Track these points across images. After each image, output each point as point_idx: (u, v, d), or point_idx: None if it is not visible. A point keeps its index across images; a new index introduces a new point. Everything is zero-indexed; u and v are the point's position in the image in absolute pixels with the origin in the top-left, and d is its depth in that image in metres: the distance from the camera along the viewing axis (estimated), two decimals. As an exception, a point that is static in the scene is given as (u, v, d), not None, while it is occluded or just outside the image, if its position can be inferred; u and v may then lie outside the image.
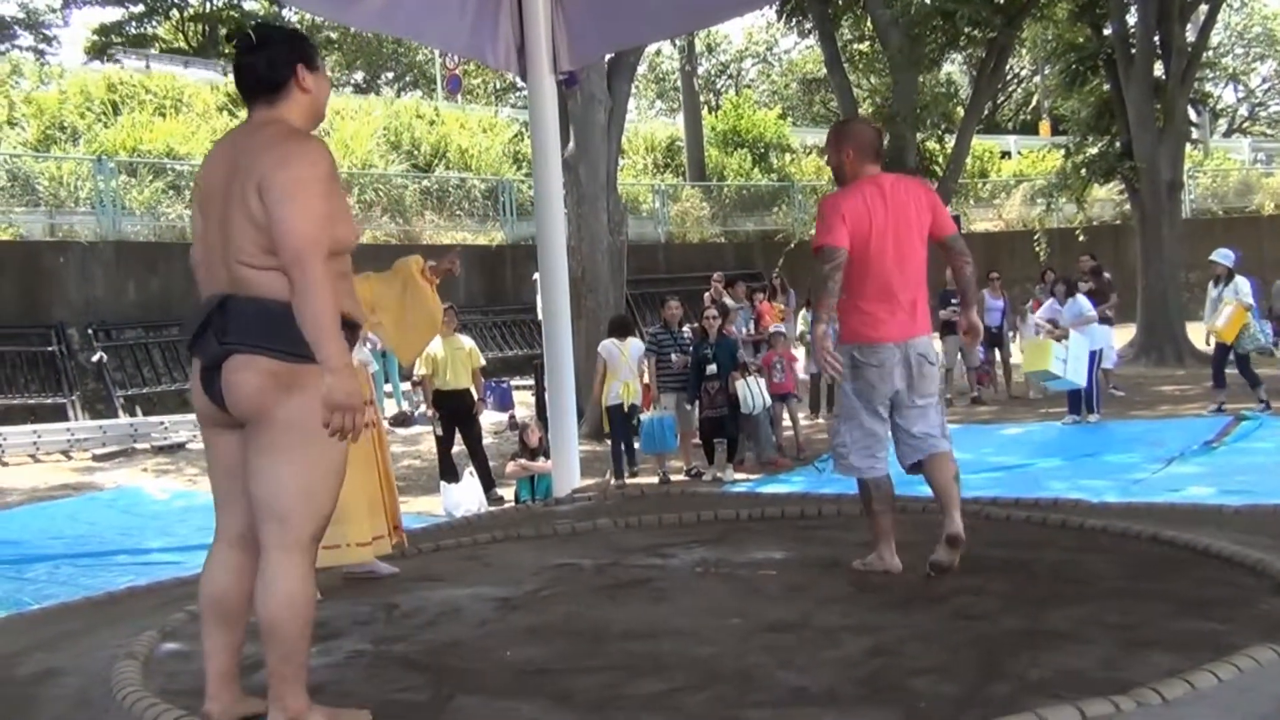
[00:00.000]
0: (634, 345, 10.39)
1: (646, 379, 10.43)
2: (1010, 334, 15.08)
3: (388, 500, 5.00)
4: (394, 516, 5.05)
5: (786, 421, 11.23)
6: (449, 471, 9.92)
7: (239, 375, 2.90)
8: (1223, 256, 11.60)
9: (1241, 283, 11.30)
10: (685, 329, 10.51)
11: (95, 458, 13.13)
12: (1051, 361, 10.88)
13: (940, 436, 4.66)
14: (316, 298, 2.82)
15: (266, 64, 3.05)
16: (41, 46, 34.48)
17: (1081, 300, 11.75)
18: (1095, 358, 11.49)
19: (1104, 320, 13.08)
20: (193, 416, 14.84)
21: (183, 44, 37.21)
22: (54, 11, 36.21)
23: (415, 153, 22.84)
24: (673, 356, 10.03)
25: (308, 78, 3.09)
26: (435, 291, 5.18)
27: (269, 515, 2.92)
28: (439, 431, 10.14)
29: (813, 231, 5.11)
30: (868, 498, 4.62)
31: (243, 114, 3.12)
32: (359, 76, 40.75)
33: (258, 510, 2.94)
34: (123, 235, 17.49)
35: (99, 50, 33.30)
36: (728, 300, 12.31)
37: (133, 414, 15.21)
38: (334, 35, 37.35)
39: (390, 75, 40.96)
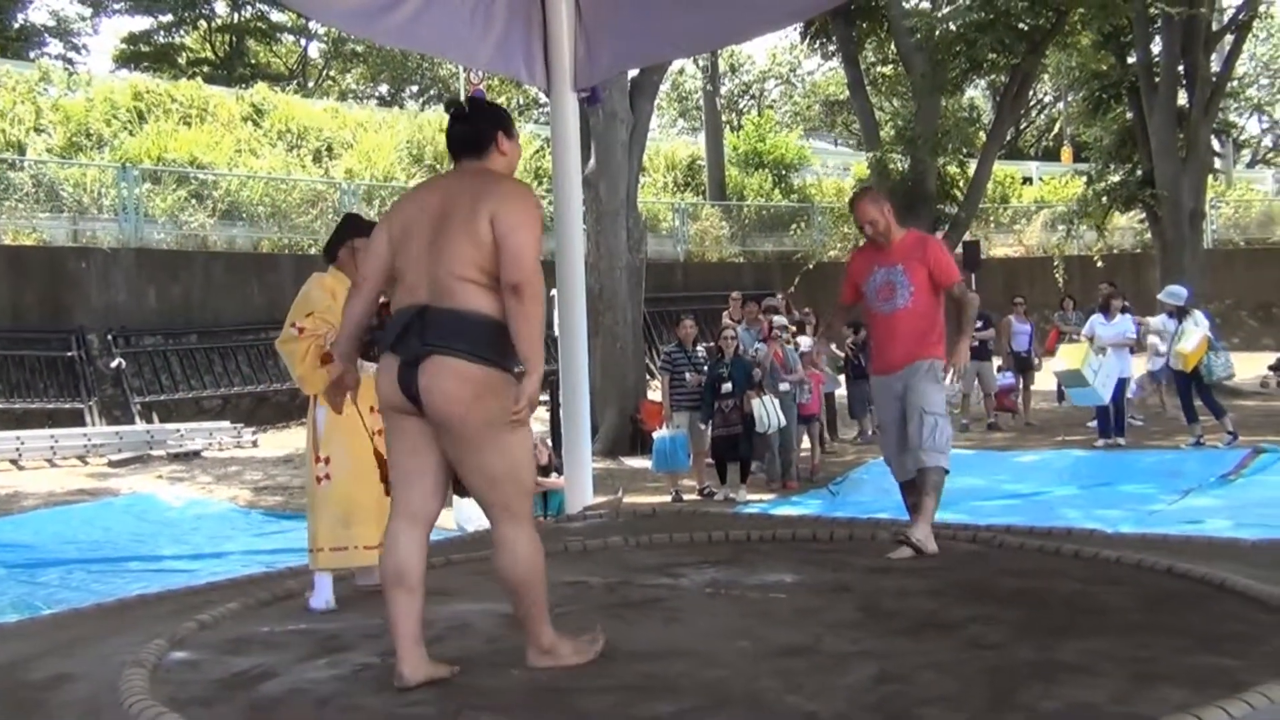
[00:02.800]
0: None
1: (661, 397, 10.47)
2: (1037, 360, 15.02)
3: None
4: None
5: (806, 443, 11.20)
6: (460, 486, 9.91)
7: (437, 380, 3.39)
8: (1173, 296, 11.73)
9: (1200, 316, 11.47)
10: (700, 348, 10.51)
11: (111, 463, 13.19)
12: (1084, 364, 10.91)
13: None
14: (537, 313, 3.44)
15: (474, 130, 3.67)
16: (70, 55, 34.91)
17: (1127, 320, 11.74)
18: (1124, 384, 11.48)
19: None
20: (209, 424, 14.91)
21: (209, 55, 37.48)
22: (84, 20, 36.65)
23: (437, 166, 22.92)
24: (687, 375, 10.02)
25: (505, 144, 3.68)
26: None
27: (493, 503, 3.55)
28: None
29: (831, 253, 5.58)
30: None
31: (267, 125, 3.23)
32: (383, 90, 40.96)
33: (480, 498, 3.59)
34: (145, 243, 17.63)
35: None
36: (779, 318, 12.06)
37: (150, 421, 15.29)
38: (360, 49, 37.58)
39: (414, 89, 41.14)
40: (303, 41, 40.13)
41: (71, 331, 16.14)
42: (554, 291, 7.73)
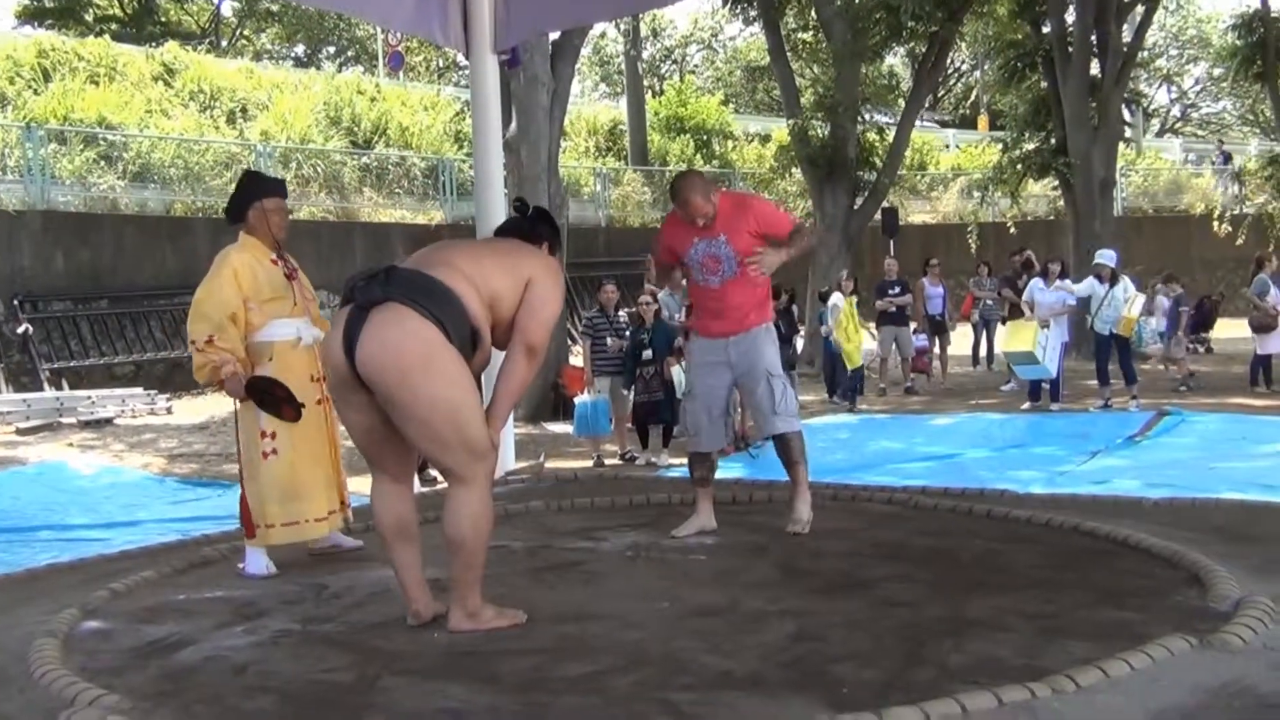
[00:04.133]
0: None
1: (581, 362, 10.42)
2: (950, 322, 15.25)
3: (337, 476, 5.02)
4: (341, 491, 5.07)
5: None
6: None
7: (386, 330, 3.44)
8: (1107, 258, 11.93)
9: (1129, 281, 11.75)
10: (621, 313, 10.50)
11: (19, 431, 12.86)
12: (1035, 343, 11.10)
13: None
14: (530, 374, 3.78)
15: (533, 230, 4.11)
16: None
17: (1066, 287, 11.80)
18: (1065, 349, 11.65)
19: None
20: (121, 391, 14.46)
21: (117, 11, 36.41)
22: (-17, -27, 35.34)
23: (355, 129, 22.56)
24: (608, 340, 9.99)
25: (547, 254, 4.03)
26: None
27: (447, 467, 3.62)
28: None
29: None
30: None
31: (178, 84, 3.18)
32: (299, 50, 40.14)
33: (434, 462, 3.76)
34: (52, 205, 17.11)
35: None
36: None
37: (59, 388, 14.92)
38: (274, 8, 36.76)
39: (331, 50, 40.37)
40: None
41: (-25, 297, 15.67)
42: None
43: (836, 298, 12.75)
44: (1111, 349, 11.51)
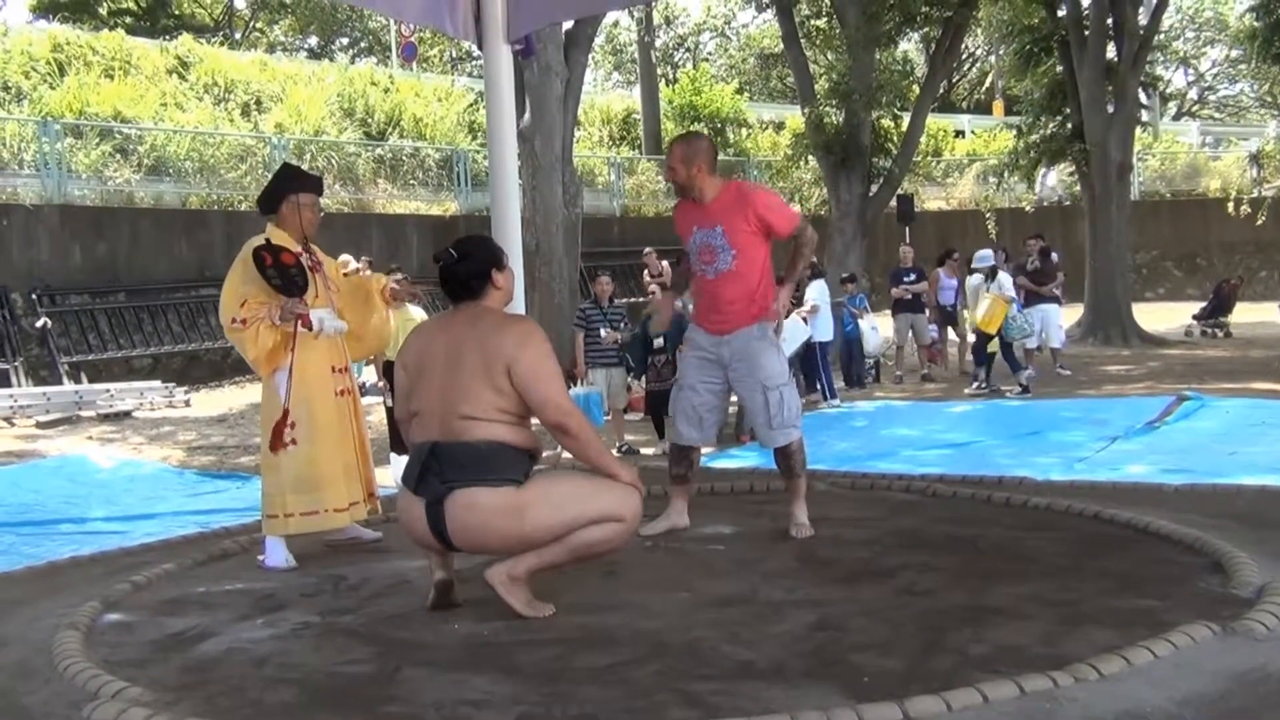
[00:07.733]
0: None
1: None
2: (962, 313, 15.17)
3: (363, 468, 5.04)
4: (369, 484, 5.09)
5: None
6: (399, 443, 9.85)
7: (465, 514, 3.62)
8: (982, 259, 12.58)
9: (1004, 278, 12.17)
10: (619, 303, 10.46)
11: (39, 425, 12.93)
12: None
13: None
14: (589, 438, 3.75)
15: (468, 274, 3.87)
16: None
17: (819, 285, 11.59)
18: (818, 349, 11.37)
19: (1051, 299, 13.29)
20: (139, 384, 14.49)
21: (131, 5, 36.49)
22: (-2, -32, 35.41)
23: (369, 120, 22.57)
24: (601, 332, 9.93)
25: (499, 278, 3.90)
26: (389, 316, 5.42)
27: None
28: (389, 402, 10.08)
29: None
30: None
31: (193, 78, 3.18)
32: (313, 42, 40.18)
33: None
34: (68, 199, 17.17)
35: None
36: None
37: (78, 381, 14.99)
38: (287, 0, 36.79)
39: (344, 41, 40.40)
40: (228, -8, 39.22)
41: (-6, 291, 15.73)
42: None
43: None
44: (986, 339, 12.04)
